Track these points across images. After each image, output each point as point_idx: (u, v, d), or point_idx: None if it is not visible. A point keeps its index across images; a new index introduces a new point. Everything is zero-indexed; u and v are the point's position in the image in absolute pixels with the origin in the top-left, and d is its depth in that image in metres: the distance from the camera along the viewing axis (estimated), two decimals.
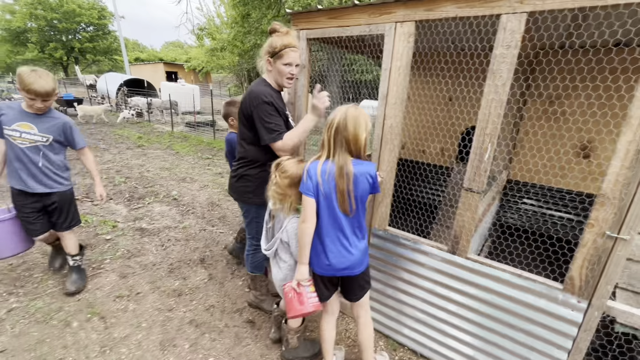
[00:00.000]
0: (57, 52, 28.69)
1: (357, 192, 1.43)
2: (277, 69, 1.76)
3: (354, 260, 1.51)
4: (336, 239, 1.49)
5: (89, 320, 2.13)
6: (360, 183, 1.42)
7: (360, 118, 1.39)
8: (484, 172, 1.53)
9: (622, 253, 1.27)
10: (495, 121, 1.45)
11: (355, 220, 1.50)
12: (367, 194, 1.47)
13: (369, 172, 1.44)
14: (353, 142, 1.39)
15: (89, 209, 3.92)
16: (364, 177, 1.42)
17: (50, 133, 2.11)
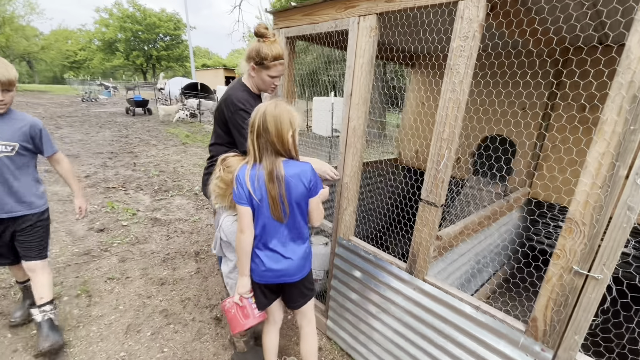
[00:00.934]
0: (139, 59, 32.69)
1: (290, 197, 1.32)
2: (261, 77, 1.72)
3: (291, 266, 1.41)
4: (272, 245, 1.40)
5: (78, 296, 2.31)
6: (293, 187, 1.32)
7: (282, 115, 1.28)
8: (441, 182, 1.33)
9: (593, 296, 1.00)
10: (452, 124, 1.26)
11: (292, 225, 1.39)
12: (304, 197, 1.35)
13: (303, 173, 1.33)
14: (278, 142, 1.29)
15: (119, 197, 4.32)
16: (297, 179, 1.32)
17: (15, 139, 1.65)
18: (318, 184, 1.37)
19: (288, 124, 1.29)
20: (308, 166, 1.35)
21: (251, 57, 1.67)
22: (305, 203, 1.37)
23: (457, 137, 1.26)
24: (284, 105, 1.32)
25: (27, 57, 31.46)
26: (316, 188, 1.37)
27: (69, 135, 8.35)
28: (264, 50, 1.63)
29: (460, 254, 1.84)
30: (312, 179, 1.34)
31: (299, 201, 1.35)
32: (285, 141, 1.30)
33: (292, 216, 1.37)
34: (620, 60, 0.88)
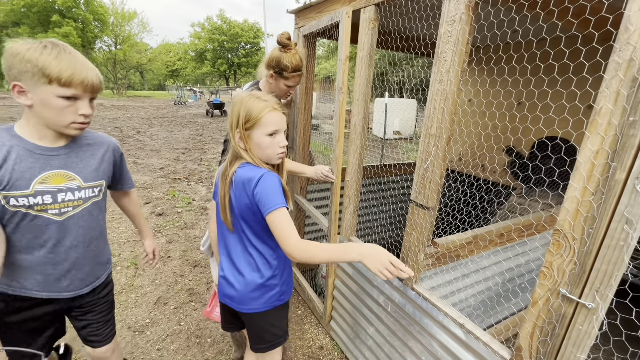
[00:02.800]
0: (223, 66, 36.34)
1: (233, 205, 1.11)
2: (278, 86, 1.77)
3: (235, 292, 1.16)
4: (224, 253, 1.22)
5: (128, 267, 2.70)
6: (238, 194, 1.08)
7: (234, 107, 1.11)
8: (428, 182, 1.21)
9: (584, 328, 0.80)
10: (439, 119, 1.14)
11: (240, 241, 1.15)
12: (248, 211, 1.07)
13: (248, 181, 1.04)
14: (231, 140, 1.11)
15: (182, 188, 4.89)
16: (241, 186, 1.06)
17: (100, 175, 1.15)
18: (270, 198, 1.02)
19: (234, 120, 1.09)
20: (258, 174, 1.04)
21: (271, 66, 1.71)
22: (252, 220, 1.09)
23: (445, 133, 1.13)
24: (241, 97, 1.11)
25: (139, 68, 37.54)
26: (266, 202, 1.02)
27: (156, 133, 9.73)
28: (285, 62, 1.66)
29: (473, 270, 1.63)
30: (258, 191, 1.03)
31: (242, 214, 1.10)
32: (233, 138, 1.10)
33: (237, 231, 1.15)
34: (617, 34, 0.70)
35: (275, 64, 1.71)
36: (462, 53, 1.05)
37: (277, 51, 1.71)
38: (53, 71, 0.90)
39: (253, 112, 1.07)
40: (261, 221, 1.08)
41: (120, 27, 30.55)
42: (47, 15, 24.82)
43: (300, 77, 1.77)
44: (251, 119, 1.07)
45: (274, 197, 1.02)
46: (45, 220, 1.03)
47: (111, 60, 30.90)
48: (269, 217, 1.02)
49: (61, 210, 1.06)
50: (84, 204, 1.10)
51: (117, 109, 16.21)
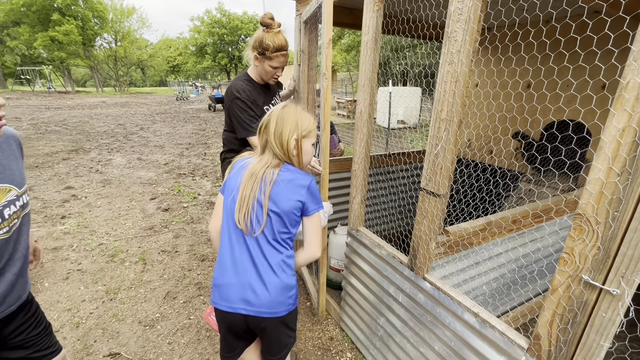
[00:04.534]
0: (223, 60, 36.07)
1: (275, 203, 1.09)
2: (263, 68, 1.75)
3: (263, 297, 1.09)
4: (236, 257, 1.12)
5: (136, 262, 2.71)
6: (287, 192, 1.10)
7: (287, 116, 1.13)
8: (439, 169, 1.17)
9: (608, 315, 0.77)
10: (450, 102, 1.09)
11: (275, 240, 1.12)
12: (293, 210, 1.11)
13: (298, 180, 1.12)
14: (277, 144, 1.13)
15: (187, 183, 4.89)
16: (290, 185, 1.10)
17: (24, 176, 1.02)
18: (317, 200, 1.15)
19: (292, 126, 1.13)
20: (309, 177, 1.15)
21: (254, 47, 1.69)
22: (291, 219, 1.12)
23: (456, 117, 1.09)
24: (294, 107, 1.18)
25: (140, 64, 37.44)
26: (313, 203, 1.14)
27: (160, 129, 9.73)
28: (267, 41, 1.64)
29: (486, 258, 1.59)
30: (311, 192, 1.13)
31: (285, 213, 1.10)
32: (284, 143, 1.13)
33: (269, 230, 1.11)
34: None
35: (258, 44, 1.69)
36: (473, 32, 1.00)
37: (260, 32, 1.69)
38: None
39: (310, 123, 1.18)
40: (296, 221, 1.15)
41: (119, 24, 30.37)
42: (46, 14, 24.72)
43: (285, 57, 1.73)
44: (308, 129, 1.16)
45: (319, 200, 1.17)
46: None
47: (112, 58, 30.84)
48: (311, 217, 1.15)
49: (10, 226, 0.93)
50: (23, 211, 0.99)
51: (119, 106, 16.23)
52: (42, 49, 25.64)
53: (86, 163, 5.74)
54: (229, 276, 1.12)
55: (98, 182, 4.71)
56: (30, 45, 25.11)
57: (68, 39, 24.89)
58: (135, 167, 5.63)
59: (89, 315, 2.10)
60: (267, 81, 1.86)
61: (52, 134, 8.14)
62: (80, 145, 7.06)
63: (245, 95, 1.75)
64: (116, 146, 7.16)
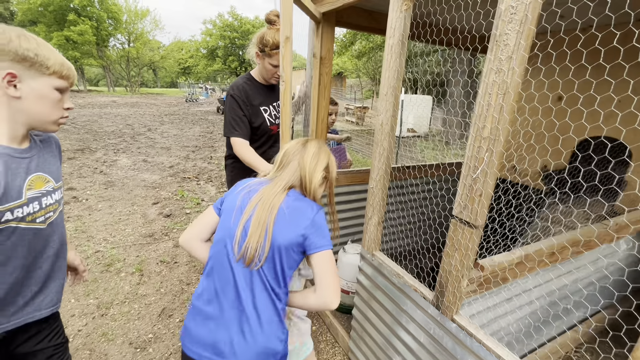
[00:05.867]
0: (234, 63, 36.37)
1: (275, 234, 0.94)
2: (264, 65, 1.70)
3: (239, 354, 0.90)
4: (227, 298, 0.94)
5: (133, 273, 2.56)
6: (289, 223, 0.95)
7: (321, 153, 1.10)
8: (478, 195, 0.99)
9: None
10: (496, 118, 0.91)
11: (263, 286, 0.94)
12: (292, 250, 0.95)
13: (304, 208, 0.98)
14: (309, 171, 1.05)
15: (191, 187, 4.76)
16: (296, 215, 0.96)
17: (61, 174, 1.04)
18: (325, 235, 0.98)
19: (324, 163, 1.09)
20: (316, 206, 1.02)
21: (255, 44, 1.66)
22: (292, 256, 0.96)
23: (502, 136, 0.91)
24: (327, 149, 1.15)
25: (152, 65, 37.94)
26: (319, 239, 0.96)
27: (167, 130, 9.68)
28: (267, 37, 1.59)
29: (519, 292, 1.40)
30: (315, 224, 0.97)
31: (285, 248, 0.94)
32: (314, 173, 1.05)
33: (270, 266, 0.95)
34: None
35: (259, 41, 1.65)
36: (530, 34, 0.82)
37: (263, 29, 1.65)
38: (55, 61, 0.86)
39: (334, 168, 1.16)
40: (294, 260, 0.99)
41: (133, 25, 30.83)
42: (63, 14, 25.20)
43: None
44: (333, 174, 1.15)
45: (327, 236, 0.99)
46: (33, 230, 0.91)
47: (124, 58, 31.27)
48: (320, 256, 0.96)
49: (46, 217, 0.95)
50: (59, 207, 1.01)
51: (129, 106, 16.33)
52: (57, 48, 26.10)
53: (91, 163, 5.66)
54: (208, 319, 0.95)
55: (101, 184, 4.61)
56: None
57: (82, 39, 25.31)
58: (140, 169, 5.53)
59: (77, 332, 1.94)
60: (269, 80, 1.77)
61: (60, 133, 8.12)
62: (86, 145, 7.00)
63: (239, 93, 1.70)
64: (122, 147, 7.10)
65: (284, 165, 1.07)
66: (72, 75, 0.93)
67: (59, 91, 0.89)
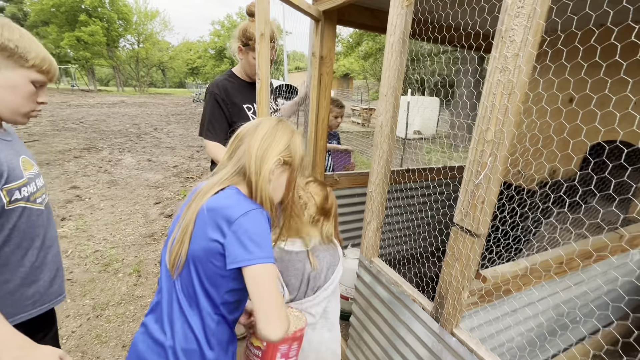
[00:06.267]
0: None
1: (192, 243, 0.79)
2: (248, 60, 1.60)
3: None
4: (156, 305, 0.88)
5: (130, 274, 2.54)
6: (201, 226, 0.78)
7: (278, 133, 0.88)
8: (480, 202, 0.93)
9: None
10: (501, 119, 0.85)
11: (179, 295, 0.82)
12: (210, 262, 0.77)
13: (225, 209, 0.76)
14: (258, 158, 0.84)
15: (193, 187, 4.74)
16: (213, 216, 0.77)
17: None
18: (243, 244, 0.74)
19: (282, 146, 0.88)
20: (250, 209, 0.78)
21: (238, 38, 1.54)
22: (212, 268, 0.77)
23: (507, 139, 0.85)
24: (291, 126, 0.94)
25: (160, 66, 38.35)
26: (238, 248, 0.74)
27: (173, 130, 9.73)
28: (251, 30, 1.49)
29: (524, 304, 1.32)
30: (236, 230, 0.74)
31: (199, 256, 0.78)
32: (265, 159, 0.84)
33: (185, 276, 0.81)
34: None
35: (241, 34, 1.54)
36: (538, 30, 0.76)
37: (245, 21, 1.55)
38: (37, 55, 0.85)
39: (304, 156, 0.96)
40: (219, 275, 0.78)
41: (143, 26, 31.22)
42: (74, 14, 25.62)
43: (272, 50, 1.56)
44: (298, 158, 0.93)
45: (261, 245, 0.76)
46: (36, 212, 0.94)
47: (134, 58, 31.66)
48: (246, 273, 0.74)
49: (42, 198, 0.98)
50: (46, 191, 1.03)
51: (137, 106, 16.49)
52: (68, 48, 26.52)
53: (96, 162, 5.69)
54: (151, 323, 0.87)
55: (104, 183, 4.62)
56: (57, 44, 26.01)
57: (93, 40, 25.67)
58: (144, 168, 5.54)
59: (71, 334, 1.92)
60: (253, 77, 1.67)
61: (67, 132, 8.22)
62: (93, 144, 7.06)
63: (218, 91, 1.59)
64: (128, 146, 7.14)
65: (233, 152, 0.88)
66: (53, 71, 0.92)
67: (35, 84, 0.87)
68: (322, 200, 1.26)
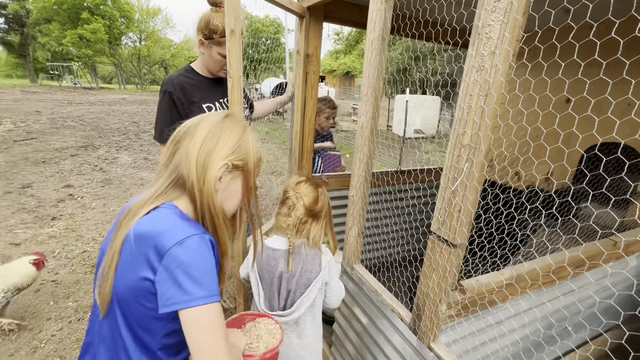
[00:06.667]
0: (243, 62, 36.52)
1: (117, 280, 0.66)
2: (211, 55, 1.46)
3: None
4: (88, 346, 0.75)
5: None
6: (126, 261, 0.65)
7: (223, 133, 0.73)
8: (457, 211, 0.87)
9: None
10: (477, 122, 0.79)
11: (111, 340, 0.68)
12: (140, 300, 0.64)
13: (161, 237, 0.62)
14: (199, 164, 0.69)
15: None
16: (141, 244, 0.63)
17: None
18: (177, 282, 0.60)
19: (230, 148, 0.73)
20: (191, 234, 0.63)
21: (200, 29, 1.41)
22: (141, 311, 0.64)
23: (484, 144, 0.79)
24: (241, 122, 0.79)
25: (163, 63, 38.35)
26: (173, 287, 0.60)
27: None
28: (215, 22, 1.37)
29: (510, 315, 1.26)
30: (169, 264, 0.60)
31: (125, 296, 0.65)
32: (207, 166, 0.70)
33: (111, 319, 0.68)
34: None
35: (204, 26, 1.40)
36: (516, 25, 0.70)
37: (208, 12, 1.42)
38: None
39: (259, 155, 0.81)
40: (154, 318, 0.65)
41: (144, 23, 31.22)
42: (76, 12, 25.64)
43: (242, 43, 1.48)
44: (254, 160, 0.79)
45: (201, 282, 0.61)
46: None
47: (135, 56, 31.67)
48: (182, 317, 0.61)
49: None
50: None
51: (138, 104, 16.49)
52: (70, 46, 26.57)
53: (92, 160, 5.66)
54: None
55: (98, 182, 4.59)
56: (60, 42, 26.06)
57: (95, 37, 25.69)
58: (139, 167, 5.51)
59: (51, 337, 1.88)
60: (217, 73, 1.54)
61: (66, 129, 8.21)
62: (90, 142, 7.04)
63: (172, 89, 1.44)
64: (125, 144, 7.11)
65: (170, 159, 0.73)
66: None
67: None
68: (312, 202, 1.22)
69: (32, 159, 5.48)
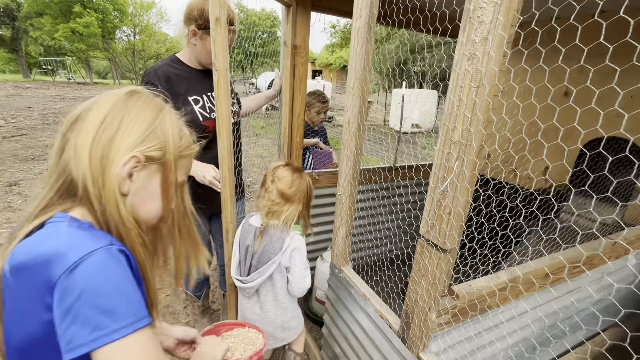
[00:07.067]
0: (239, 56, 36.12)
1: (7, 329, 0.51)
2: (205, 46, 1.36)
3: None
4: None
5: None
6: (13, 303, 0.50)
7: (128, 115, 0.56)
8: (446, 213, 0.80)
9: None
10: (468, 117, 0.72)
11: None
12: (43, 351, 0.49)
13: (45, 277, 0.46)
14: (95, 161, 0.52)
15: None
16: (29, 277, 0.47)
17: None
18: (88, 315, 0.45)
19: (139, 135, 0.56)
20: (85, 249, 0.47)
21: (192, 19, 1.32)
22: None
23: (475, 140, 0.71)
24: (154, 100, 0.62)
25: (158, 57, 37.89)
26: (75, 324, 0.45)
27: None
28: None
29: (506, 319, 1.20)
30: (70, 293, 0.45)
31: (23, 349, 0.50)
32: (107, 162, 0.53)
33: None
34: None
35: (199, 15, 1.31)
36: (511, 7, 0.62)
37: (201, 0, 1.32)
38: None
39: (188, 140, 0.67)
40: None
41: (138, 17, 30.73)
42: (68, 5, 25.17)
43: (234, 34, 1.41)
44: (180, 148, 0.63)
45: (124, 305, 0.48)
46: None
47: (130, 50, 31.24)
48: (108, 352, 0.45)
49: None
50: None
51: None
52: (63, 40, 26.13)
53: None
54: None
55: None
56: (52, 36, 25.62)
57: (88, 31, 25.25)
58: None
59: None
60: (208, 65, 1.45)
61: (58, 125, 8.05)
62: None
63: (156, 80, 1.33)
64: None
65: (58, 155, 0.55)
66: None
67: None
68: (286, 186, 1.29)
69: (21, 155, 5.36)
